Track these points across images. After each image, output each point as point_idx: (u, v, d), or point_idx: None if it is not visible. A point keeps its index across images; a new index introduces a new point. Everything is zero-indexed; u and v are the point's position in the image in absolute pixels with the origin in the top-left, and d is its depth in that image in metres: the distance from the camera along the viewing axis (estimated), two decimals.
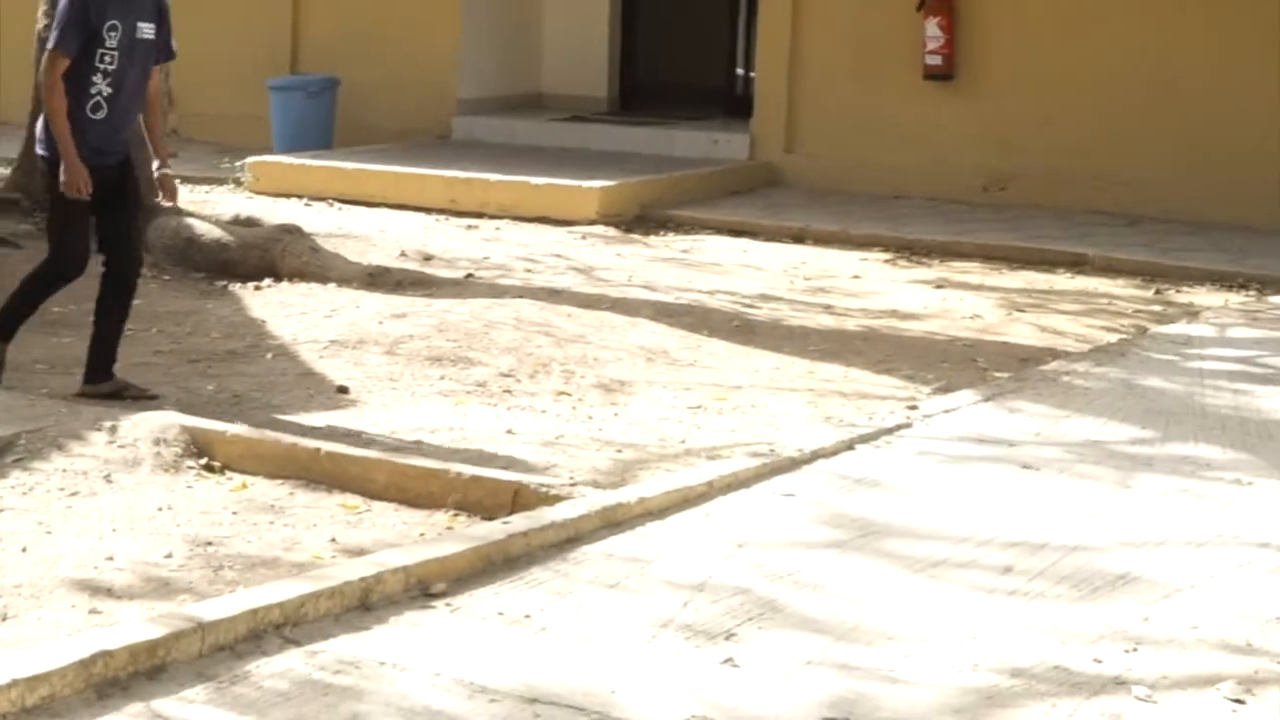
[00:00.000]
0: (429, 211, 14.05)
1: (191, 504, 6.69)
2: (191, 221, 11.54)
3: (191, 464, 7.10)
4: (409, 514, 6.72)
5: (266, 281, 10.89)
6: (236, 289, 10.75)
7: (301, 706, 4.77)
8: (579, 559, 5.99)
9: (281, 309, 10.17)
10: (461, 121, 16.92)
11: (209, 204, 13.47)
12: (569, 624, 5.41)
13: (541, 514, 6.28)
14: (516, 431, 7.75)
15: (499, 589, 5.68)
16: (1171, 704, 4.97)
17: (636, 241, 13.29)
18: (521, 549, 5.97)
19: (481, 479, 6.81)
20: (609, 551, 6.07)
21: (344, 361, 8.89)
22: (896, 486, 6.96)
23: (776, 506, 6.64)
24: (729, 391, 8.65)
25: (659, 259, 12.51)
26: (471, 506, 6.70)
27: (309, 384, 8.53)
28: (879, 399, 8.59)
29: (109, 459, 7.05)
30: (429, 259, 11.87)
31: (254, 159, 15.19)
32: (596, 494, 6.58)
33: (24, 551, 6.07)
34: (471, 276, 11.38)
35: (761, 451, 7.28)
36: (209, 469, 7.10)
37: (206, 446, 7.21)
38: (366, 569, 5.58)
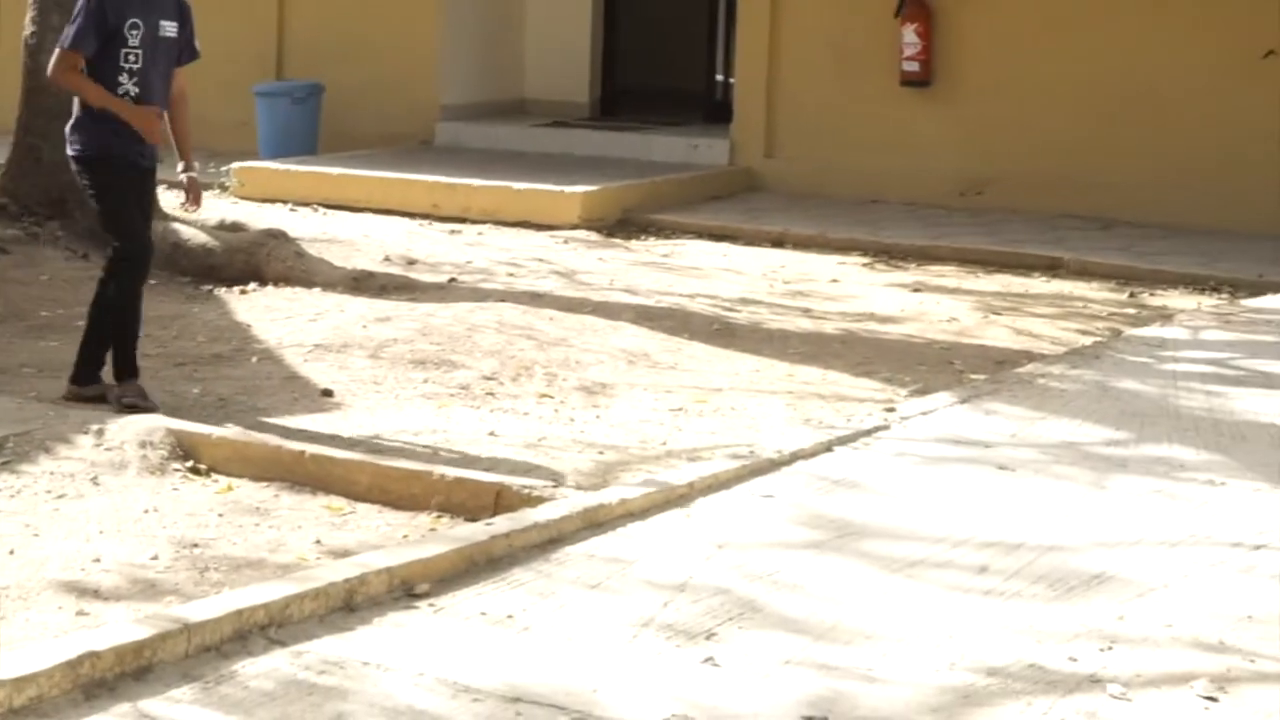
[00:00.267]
0: (412, 216, 14.05)
1: (178, 506, 6.68)
2: (178, 226, 11.52)
3: (178, 466, 7.09)
4: (393, 515, 6.72)
5: (252, 286, 10.88)
6: (222, 293, 10.74)
7: (286, 706, 4.77)
8: (561, 560, 5.99)
9: (267, 313, 10.16)
10: (445, 127, 16.91)
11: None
12: (551, 624, 5.41)
13: (524, 515, 6.28)
14: (499, 434, 7.75)
15: (482, 589, 5.68)
16: (1146, 702, 4.98)
17: (618, 246, 13.29)
18: (504, 550, 5.97)
19: (464, 481, 6.81)
20: (591, 552, 6.07)
21: (328, 365, 8.88)
22: (874, 487, 6.97)
23: (756, 507, 6.65)
24: (709, 394, 8.66)
25: (640, 263, 12.51)
26: (455, 508, 6.70)
27: (294, 387, 8.52)
28: (857, 401, 8.59)
29: (96, 461, 7.05)
30: (412, 263, 11.87)
31: (240, 164, 15.18)
32: (578, 495, 6.59)
33: (11, 554, 6.06)
34: (455, 281, 11.37)
35: (741, 453, 7.29)
36: (195, 471, 7.09)
37: (192, 449, 7.20)
38: (351, 570, 5.57)
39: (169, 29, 8.02)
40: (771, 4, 15.76)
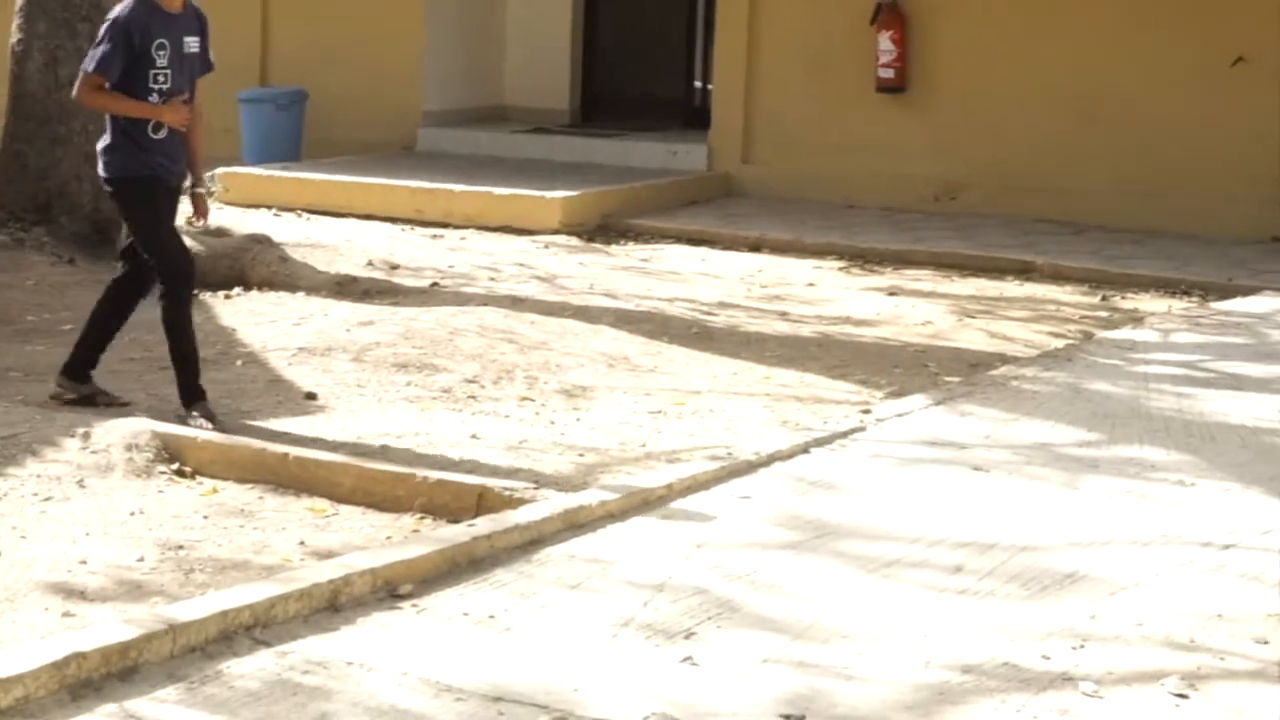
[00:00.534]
0: (395, 221, 14.04)
1: (163, 508, 6.67)
2: None
3: (163, 469, 7.08)
4: (376, 517, 6.71)
5: (236, 290, 10.86)
6: (207, 298, 10.70)
7: (271, 706, 4.76)
8: (542, 560, 5.99)
9: (251, 317, 10.14)
10: (426, 133, 16.91)
11: (180, 214, 13.40)
12: (533, 624, 5.42)
13: (505, 516, 6.29)
14: (481, 436, 7.75)
15: (464, 590, 5.68)
16: (1117, 699, 4.99)
17: (598, 250, 13.29)
18: (486, 551, 5.97)
19: (447, 483, 6.81)
20: (571, 553, 6.07)
21: (312, 368, 8.87)
22: (850, 488, 6.98)
23: (734, 508, 6.65)
24: (688, 396, 8.66)
25: (620, 267, 12.51)
26: (437, 509, 6.70)
27: (278, 390, 8.51)
28: (833, 403, 8.60)
29: (82, 465, 7.03)
30: (395, 268, 11.85)
31: (224, 170, 15.13)
32: (559, 497, 6.59)
33: None
34: (437, 285, 11.36)
35: (719, 455, 7.29)
36: (180, 474, 7.08)
37: (178, 452, 7.19)
38: (335, 571, 5.57)
39: (192, 44, 7.87)
40: (749, 12, 15.77)
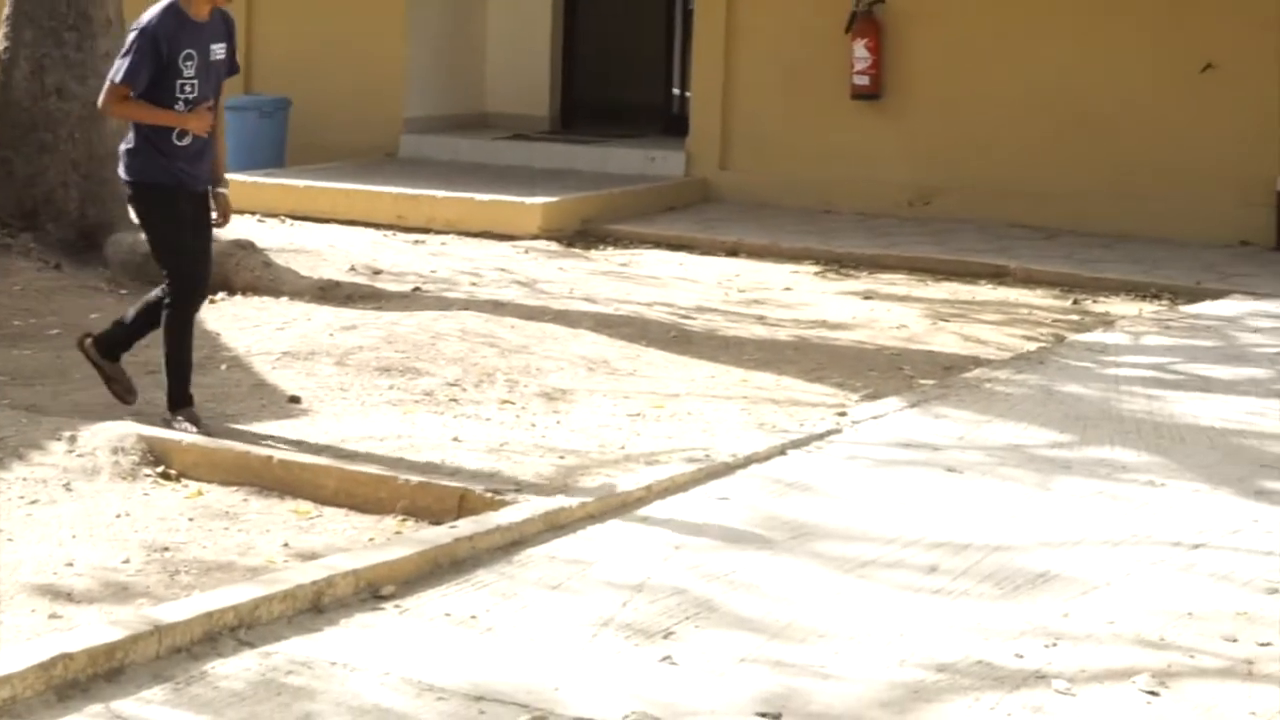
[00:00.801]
0: (377, 227, 14.03)
1: (149, 511, 6.66)
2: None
3: (148, 472, 7.07)
4: (359, 519, 6.71)
5: (221, 295, 10.83)
6: None
7: (255, 706, 4.76)
8: (523, 561, 5.99)
9: (235, 322, 10.12)
10: (408, 140, 16.90)
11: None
12: (514, 624, 5.41)
13: (487, 518, 6.28)
14: (462, 439, 7.74)
15: (446, 591, 5.68)
16: (1089, 696, 5.00)
17: (577, 255, 13.29)
18: (467, 552, 5.97)
19: (429, 485, 6.80)
20: (552, 554, 6.07)
21: (296, 372, 8.85)
22: (827, 490, 6.98)
23: (712, 510, 6.66)
24: (666, 399, 8.66)
25: (599, 272, 12.51)
26: (419, 511, 6.69)
27: (262, 394, 8.50)
28: (810, 406, 8.61)
29: (68, 468, 7.02)
30: (378, 273, 11.84)
31: None
32: (539, 499, 6.58)
33: None
34: (419, 290, 11.35)
35: (697, 457, 7.30)
36: (165, 477, 7.06)
37: (163, 455, 7.18)
38: (318, 572, 5.57)
39: (219, 51, 7.76)
40: (726, 20, 15.78)
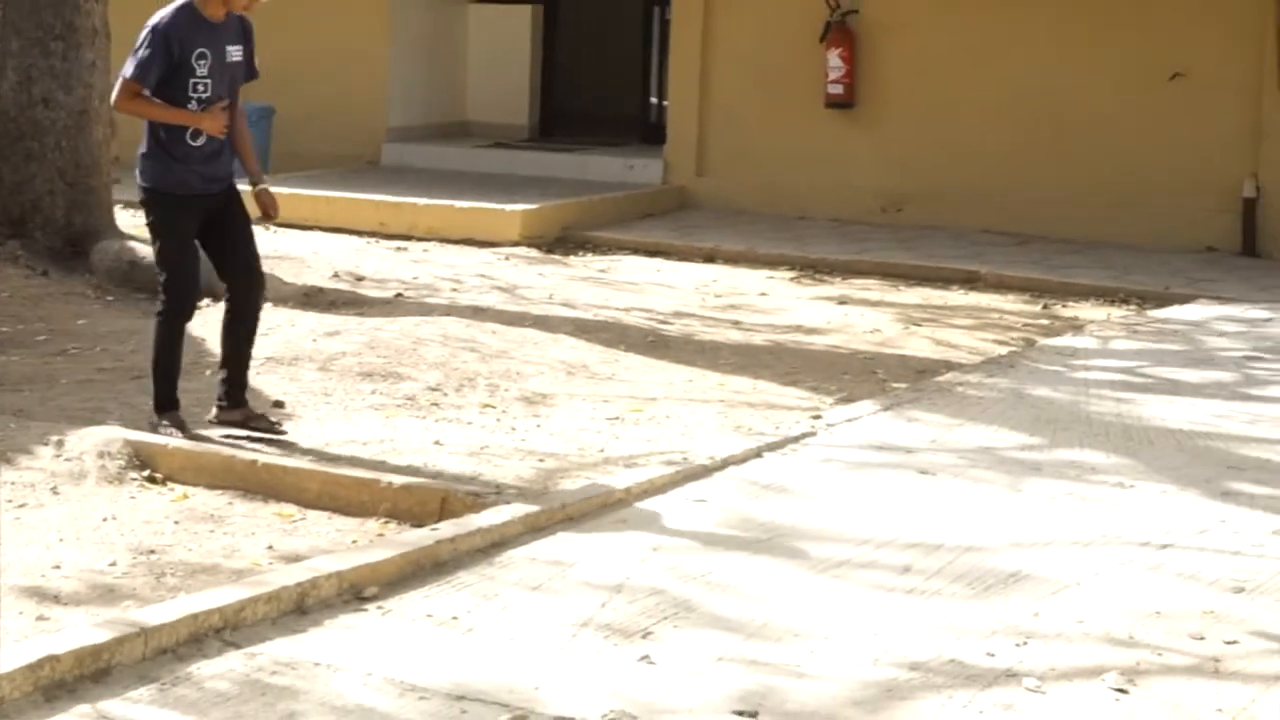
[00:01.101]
0: (360, 234, 14.01)
1: (135, 514, 6.64)
2: (134, 245, 11.44)
3: (135, 476, 7.05)
4: (342, 522, 6.70)
5: (205, 302, 10.76)
6: None
7: (240, 706, 4.75)
8: (504, 563, 5.99)
9: (220, 327, 10.08)
10: (391, 148, 16.88)
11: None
12: (494, 624, 5.41)
13: (468, 521, 6.28)
14: (444, 442, 7.74)
15: (428, 592, 5.67)
16: (1059, 694, 5.01)
17: (557, 262, 13.29)
18: (449, 554, 5.96)
19: (411, 488, 6.80)
20: (532, 555, 6.07)
21: (280, 377, 8.84)
22: (802, 492, 6.99)
23: (689, 511, 6.66)
24: (645, 403, 8.66)
25: (578, 278, 12.51)
26: (402, 514, 6.69)
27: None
28: (785, 409, 8.61)
29: (56, 472, 7.00)
30: (360, 279, 11.83)
31: None
32: (520, 501, 6.58)
33: None
34: (401, 296, 11.35)
35: (675, 460, 7.30)
36: (151, 481, 7.05)
37: (149, 459, 7.16)
38: (302, 574, 5.56)
39: (235, 53, 7.62)
40: (703, 30, 15.80)
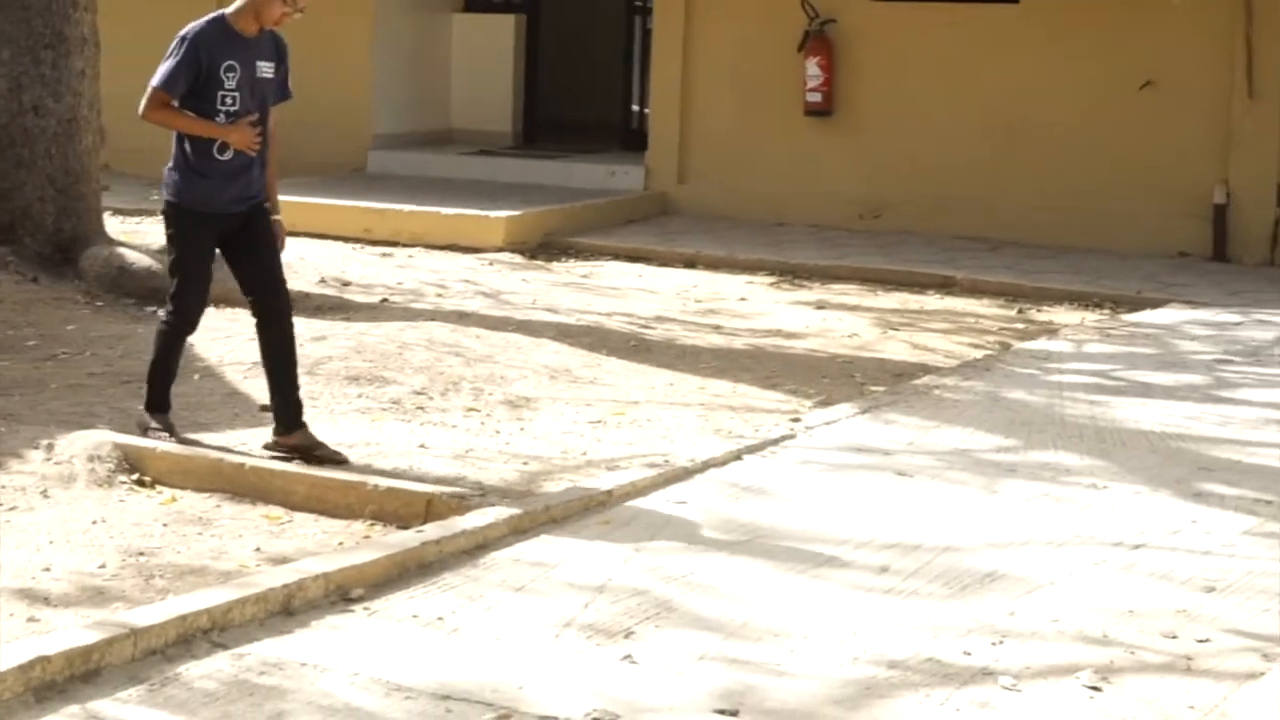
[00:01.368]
0: (346, 240, 13.99)
1: (124, 517, 6.63)
2: (123, 251, 11.44)
3: (124, 479, 7.04)
4: (329, 524, 6.69)
5: None
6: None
7: (228, 706, 4.74)
8: (488, 564, 5.98)
9: (207, 333, 10.03)
10: (376, 155, 16.86)
11: (139, 234, 13.35)
12: (479, 625, 5.41)
13: (453, 523, 6.27)
14: (429, 446, 7.73)
15: (413, 593, 5.67)
16: (1035, 692, 5.02)
17: (540, 267, 13.29)
18: (434, 555, 5.96)
19: (396, 490, 6.79)
20: (516, 557, 6.07)
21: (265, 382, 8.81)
22: (781, 493, 6.99)
23: (671, 513, 6.66)
24: (627, 407, 8.66)
25: (561, 283, 12.50)
26: (387, 516, 6.68)
27: (234, 403, 8.47)
28: (765, 412, 8.62)
29: (46, 475, 6.99)
30: (346, 285, 11.81)
31: None
32: (504, 503, 6.57)
33: None
34: (386, 301, 11.33)
35: (657, 462, 7.30)
36: (140, 484, 7.03)
37: (138, 462, 7.15)
38: (289, 576, 5.55)
39: (266, 70, 7.43)
40: (683, 39, 15.81)
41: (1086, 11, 14.44)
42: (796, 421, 8.22)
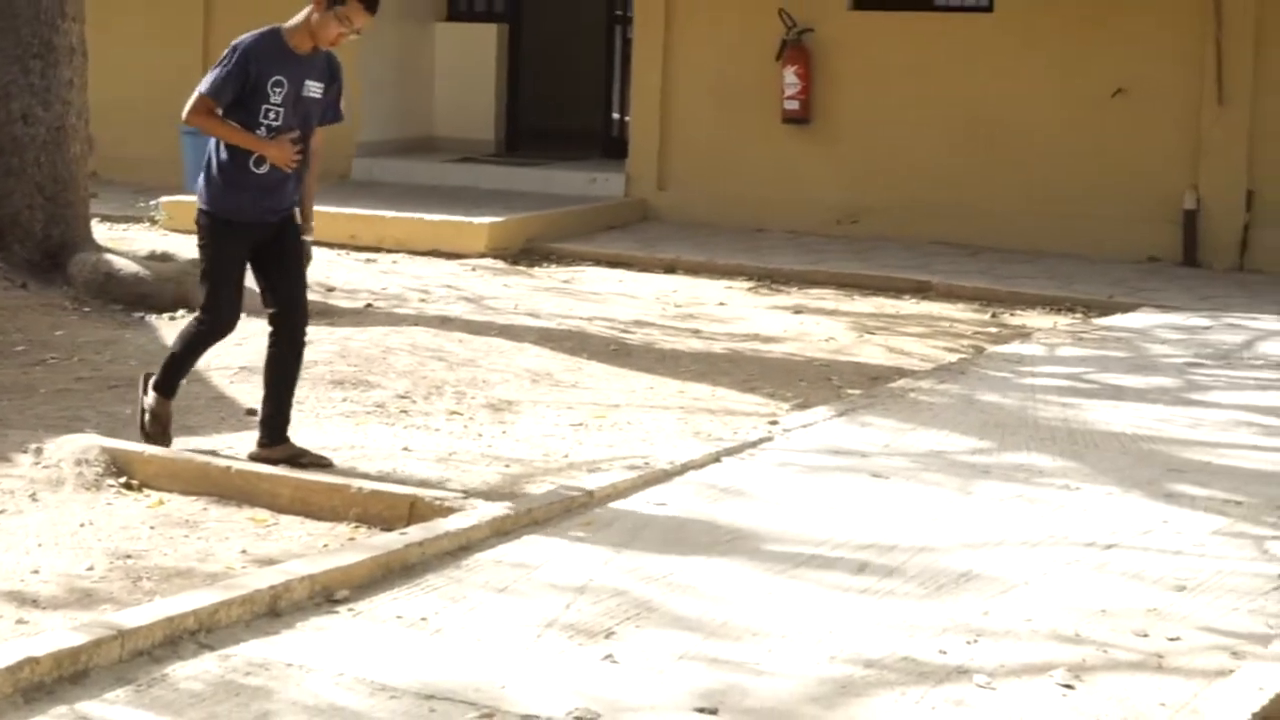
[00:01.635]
0: (331, 246, 13.93)
1: (112, 520, 6.62)
2: (110, 257, 11.42)
3: (111, 483, 7.03)
4: (314, 526, 6.69)
5: (181, 312, 10.77)
6: (153, 319, 10.64)
7: (215, 706, 4.74)
8: (471, 566, 5.98)
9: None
10: (360, 163, 16.84)
11: (127, 240, 13.34)
12: (462, 626, 5.40)
13: (436, 525, 6.27)
14: (412, 449, 7.73)
15: (397, 594, 5.66)
16: (1009, 690, 5.02)
17: (522, 273, 13.29)
18: (418, 557, 5.95)
19: (380, 493, 6.79)
20: (498, 558, 6.06)
21: (253, 386, 8.79)
22: (760, 495, 6.99)
23: (651, 514, 6.66)
24: (607, 410, 8.66)
25: (542, 289, 12.50)
26: (371, 519, 6.68)
27: (220, 407, 8.46)
28: (743, 415, 8.62)
29: (34, 479, 6.97)
30: (331, 290, 11.80)
31: (168, 199, 15.04)
32: (486, 505, 6.57)
33: None
34: (371, 306, 11.33)
35: (637, 465, 7.30)
36: (128, 487, 7.02)
37: (126, 466, 7.14)
38: (275, 578, 5.54)
39: (314, 89, 7.30)
40: (663, 48, 15.82)
41: (1060, 20, 14.47)
42: (774, 424, 8.22)
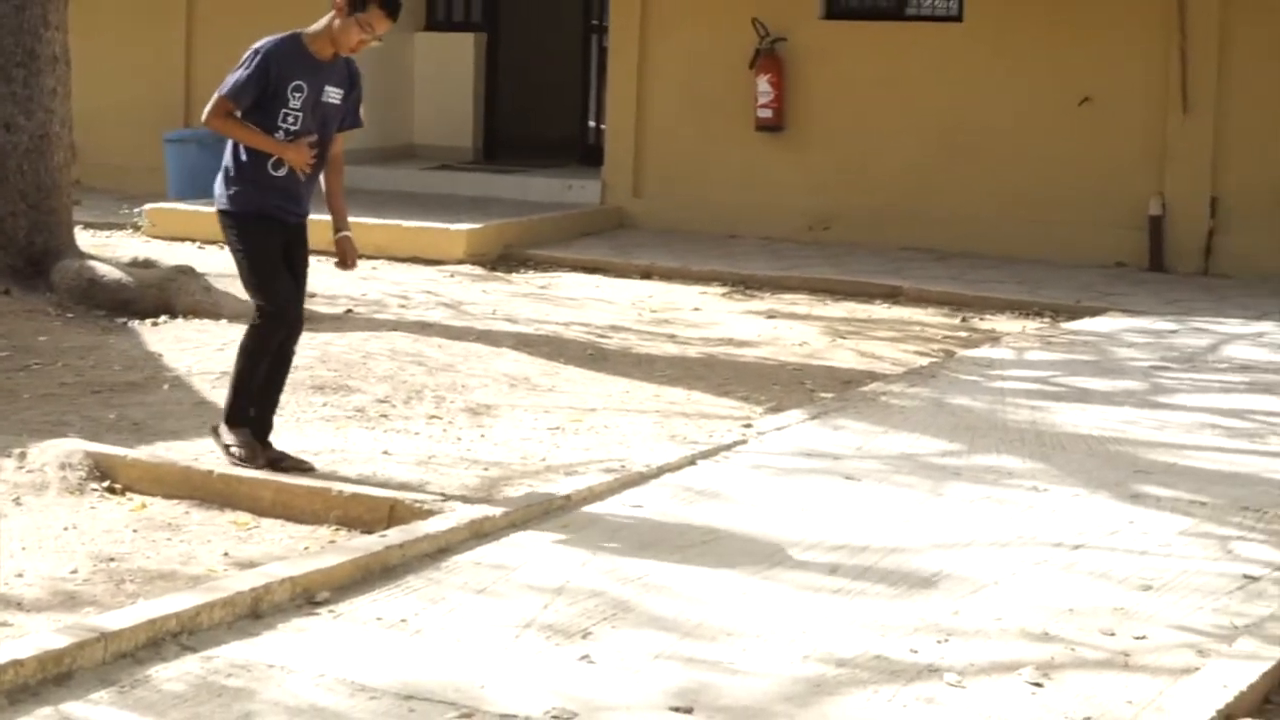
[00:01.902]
0: (312, 253, 13.91)
1: (95, 523, 6.60)
2: (93, 263, 11.38)
3: (95, 486, 7.01)
4: (295, 529, 6.68)
5: (163, 318, 10.76)
6: (135, 325, 10.61)
7: (197, 707, 4.73)
8: (450, 567, 5.98)
9: (177, 344, 10.04)
10: None
11: (110, 247, 13.31)
12: (441, 626, 5.40)
13: (416, 527, 6.27)
14: (392, 452, 7.72)
15: (377, 596, 5.66)
16: (979, 688, 5.04)
17: (500, 279, 13.28)
18: (398, 559, 5.95)
19: (361, 496, 6.78)
20: (477, 560, 6.07)
21: None
22: (734, 497, 7.00)
23: (627, 517, 6.67)
24: (584, 414, 8.66)
25: (520, 294, 12.50)
26: (352, 521, 6.67)
27: (203, 412, 8.43)
28: (718, 418, 8.63)
29: (18, 483, 6.95)
30: (311, 296, 11.65)
31: (151, 206, 15.01)
32: (465, 508, 6.57)
33: None
34: (350, 312, 11.31)
35: (613, 467, 7.30)
36: (111, 491, 7.01)
37: (109, 470, 7.12)
38: (256, 580, 5.54)
39: (333, 95, 7.22)
40: (639, 57, 15.82)
41: (1028, 29, 14.51)
42: (748, 427, 8.23)
